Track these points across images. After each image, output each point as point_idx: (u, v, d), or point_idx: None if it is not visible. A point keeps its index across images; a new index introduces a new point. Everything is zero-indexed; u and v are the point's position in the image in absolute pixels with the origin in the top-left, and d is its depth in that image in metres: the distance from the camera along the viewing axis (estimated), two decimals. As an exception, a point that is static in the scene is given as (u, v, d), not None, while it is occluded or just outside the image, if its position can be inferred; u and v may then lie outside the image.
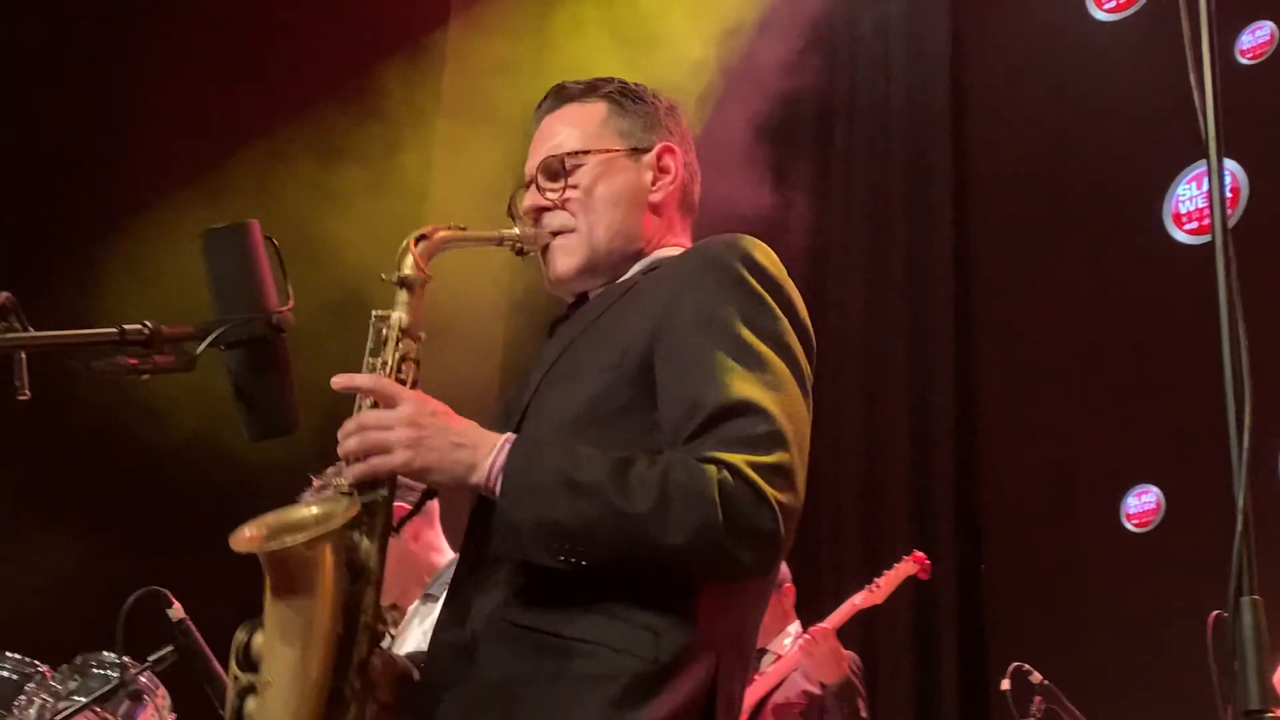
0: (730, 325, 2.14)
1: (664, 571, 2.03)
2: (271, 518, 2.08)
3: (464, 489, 2.11)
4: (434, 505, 3.50)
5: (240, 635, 2.10)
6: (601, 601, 2.04)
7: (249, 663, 2.09)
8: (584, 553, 2.01)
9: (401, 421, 2.08)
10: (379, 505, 2.14)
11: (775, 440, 2.05)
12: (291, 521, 2.07)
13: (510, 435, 2.10)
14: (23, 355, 1.96)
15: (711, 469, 2.00)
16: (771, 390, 2.10)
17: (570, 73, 2.60)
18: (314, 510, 2.09)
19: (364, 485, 2.12)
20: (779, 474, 2.03)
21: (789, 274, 2.27)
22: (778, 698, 5.21)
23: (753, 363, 2.11)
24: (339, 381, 2.12)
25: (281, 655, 2.04)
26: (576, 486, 2.01)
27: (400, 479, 2.15)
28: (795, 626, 5.42)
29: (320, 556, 2.04)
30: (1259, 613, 1.80)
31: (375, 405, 2.14)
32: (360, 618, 2.10)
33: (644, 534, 1.99)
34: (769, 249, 2.26)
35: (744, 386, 2.08)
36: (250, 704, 2.07)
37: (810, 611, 5.53)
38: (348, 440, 2.10)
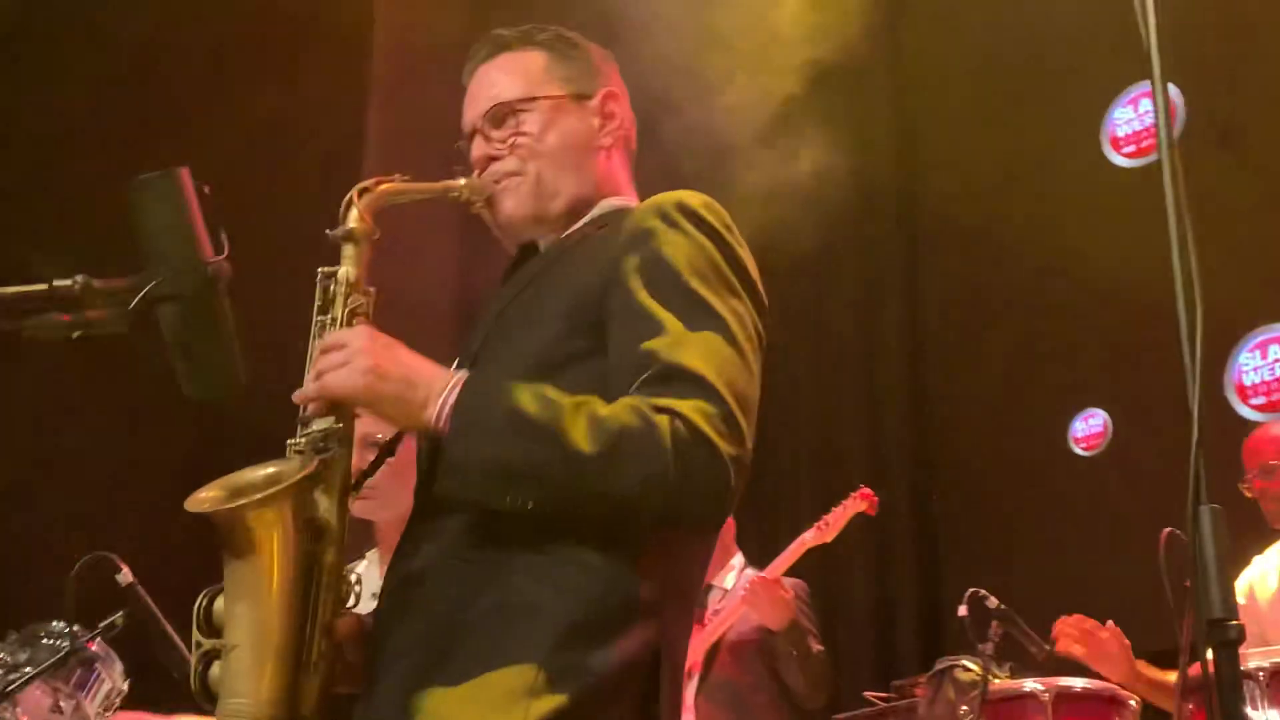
0: (679, 278, 2.12)
1: (612, 518, 2.01)
2: (228, 480, 2.04)
3: (415, 426, 2.07)
4: None
5: (201, 600, 2.06)
6: (550, 542, 2.03)
7: (211, 628, 2.05)
8: (531, 494, 1.99)
9: (356, 351, 2.05)
10: (336, 463, 2.10)
11: (725, 393, 2.03)
12: (247, 483, 2.03)
13: (464, 373, 2.07)
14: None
15: (665, 419, 1.98)
16: (722, 343, 2.08)
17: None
18: (269, 470, 2.05)
19: (320, 440, 2.09)
20: (731, 426, 2.01)
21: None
22: (731, 635, 5.21)
23: (702, 315, 2.10)
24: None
25: (243, 618, 2.01)
26: (527, 426, 1.98)
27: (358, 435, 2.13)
28: (738, 559, 5.41)
29: (276, 516, 2.01)
30: (1219, 521, 1.80)
31: None
32: (323, 578, 2.07)
33: (593, 479, 1.97)
34: (716, 203, 2.24)
35: (693, 340, 2.06)
36: (214, 669, 2.03)
37: (763, 546, 5.53)
38: (307, 386, 2.08)
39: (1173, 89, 6.07)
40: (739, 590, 5.20)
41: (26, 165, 6.06)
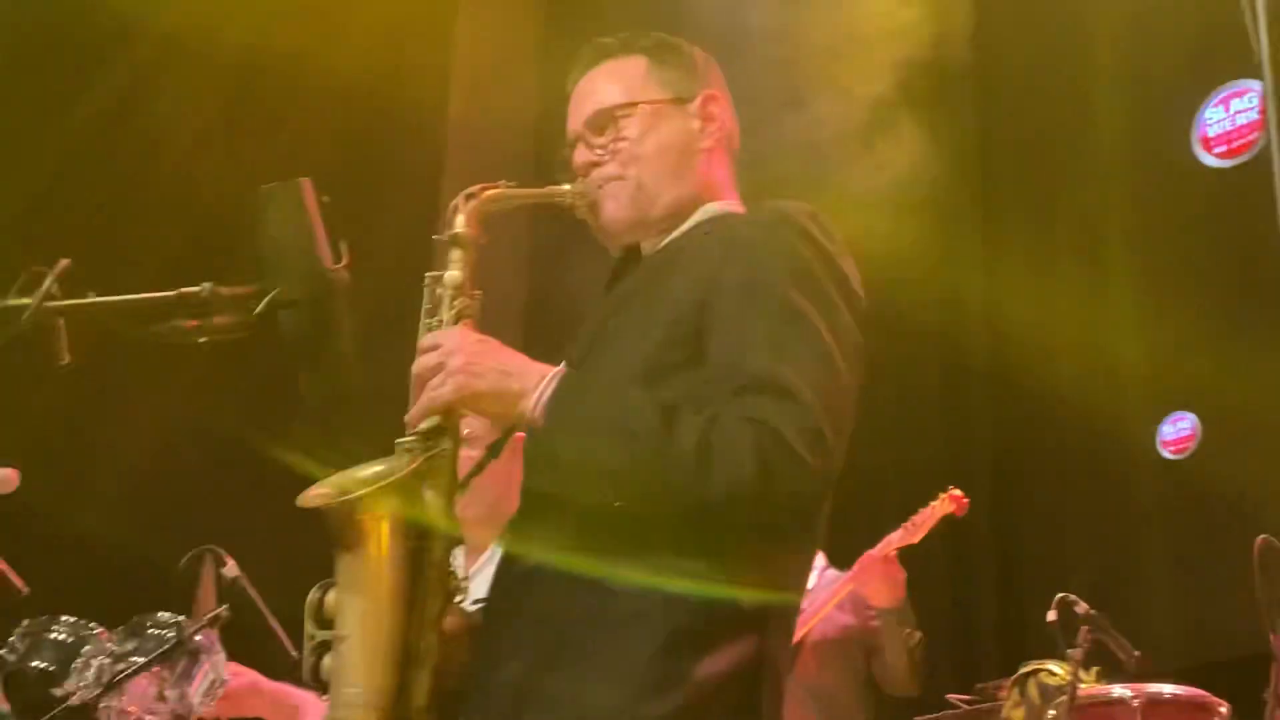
0: (780, 290, 2.14)
1: (696, 522, 2.04)
2: (339, 476, 2.11)
3: (513, 420, 2.14)
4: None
5: (314, 593, 2.13)
6: (656, 547, 2.06)
7: (323, 620, 2.11)
8: (621, 492, 2.04)
9: (450, 351, 2.11)
10: (444, 459, 2.15)
11: (815, 407, 2.04)
12: (358, 479, 2.09)
13: (560, 368, 2.12)
14: (60, 323, 1.97)
15: (754, 430, 2.01)
16: (817, 358, 2.10)
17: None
18: (379, 467, 2.11)
19: (428, 438, 2.14)
20: (818, 441, 2.03)
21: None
22: (815, 635, 5.19)
23: (800, 328, 2.12)
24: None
25: (354, 611, 2.07)
26: (621, 426, 2.03)
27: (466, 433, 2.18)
28: (820, 560, 5.39)
29: (384, 512, 2.08)
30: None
31: None
32: (432, 573, 2.12)
33: (680, 483, 2.01)
34: (820, 213, 2.26)
35: (789, 353, 2.08)
36: (326, 660, 2.10)
37: (843, 548, 5.51)
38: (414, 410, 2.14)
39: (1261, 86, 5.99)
40: (821, 590, 5.19)
41: (158, 181, 6.21)
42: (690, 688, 2.01)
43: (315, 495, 2.09)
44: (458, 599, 2.17)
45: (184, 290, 2.00)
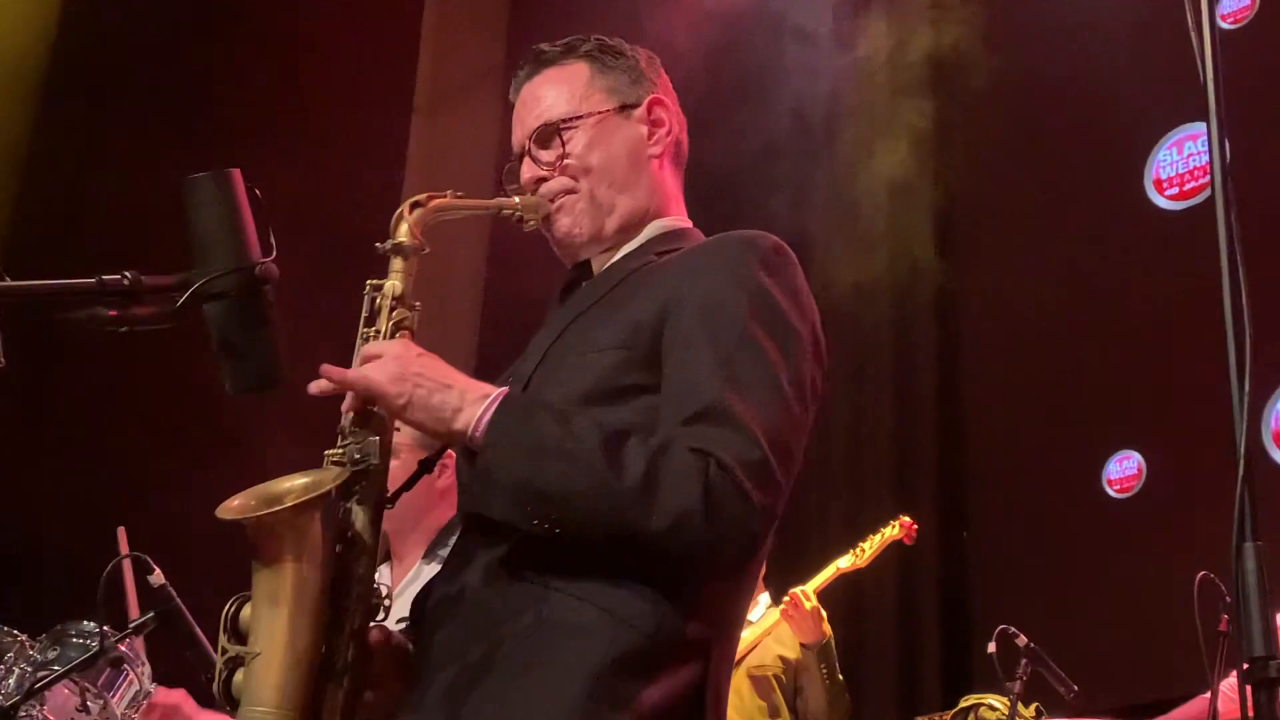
0: (739, 319, 2.10)
1: (639, 552, 1.98)
2: (261, 488, 2.04)
3: (447, 436, 2.07)
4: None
5: (229, 607, 2.05)
6: (603, 566, 2.00)
7: (237, 634, 2.04)
8: (560, 520, 1.97)
9: (391, 356, 2.06)
10: (373, 474, 2.10)
11: (764, 442, 2.01)
12: (280, 491, 2.03)
13: (504, 389, 2.06)
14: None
15: (701, 460, 1.96)
16: (770, 391, 2.07)
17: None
18: (303, 480, 2.05)
19: (356, 455, 2.09)
20: (765, 475, 2.00)
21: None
22: (751, 662, 5.19)
23: (755, 361, 2.08)
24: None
25: (269, 625, 2.00)
26: (564, 453, 1.97)
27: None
28: (765, 597, 5.41)
29: (306, 524, 2.01)
30: (1262, 558, 1.78)
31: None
32: (353, 589, 2.06)
33: (624, 512, 1.95)
34: (787, 249, 2.23)
35: (742, 385, 2.04)
36: (238, 675, 2.02)
37: (792, 575, 5.51)
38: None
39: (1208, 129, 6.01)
40: (766, 611, 5.21)
41: (81, 167, 6.12)
42: (634, 714, 1.95)
43: (235, 507, 2.02)
44: (380, 616, 2.11)
45: (105, 278, 1.93)
